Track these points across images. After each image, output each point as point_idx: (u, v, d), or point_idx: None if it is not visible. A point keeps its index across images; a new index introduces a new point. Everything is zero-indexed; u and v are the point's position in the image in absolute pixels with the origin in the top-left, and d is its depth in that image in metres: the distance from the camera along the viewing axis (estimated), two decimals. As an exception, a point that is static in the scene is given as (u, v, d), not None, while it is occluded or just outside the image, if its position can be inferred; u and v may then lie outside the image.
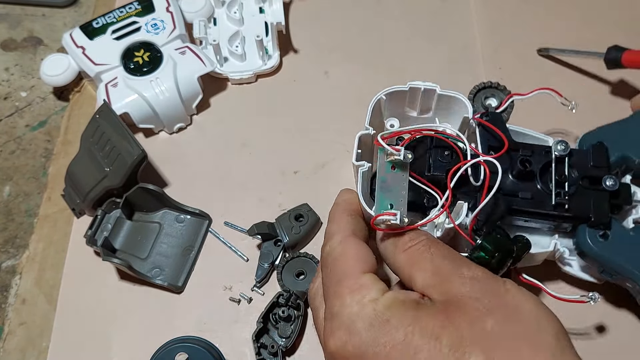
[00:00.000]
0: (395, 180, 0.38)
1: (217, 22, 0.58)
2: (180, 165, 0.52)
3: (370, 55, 0.58)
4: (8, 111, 0.56)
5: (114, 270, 0.48)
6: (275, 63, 0.56)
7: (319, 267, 0.39)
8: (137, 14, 0.55)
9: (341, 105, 0.55)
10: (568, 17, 0.59)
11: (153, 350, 0.43)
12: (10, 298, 0.47)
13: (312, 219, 0.48)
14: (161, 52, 0.53)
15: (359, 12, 0.60)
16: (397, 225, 0.36)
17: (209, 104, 0.55)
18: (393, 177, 0.38)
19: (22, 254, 0.49)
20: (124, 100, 0.51)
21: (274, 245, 0.47)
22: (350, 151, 0.52)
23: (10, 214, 0.51)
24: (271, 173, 0.51)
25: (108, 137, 0.47)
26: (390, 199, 0.37)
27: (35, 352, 0.45)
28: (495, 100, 0.45)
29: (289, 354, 0.44)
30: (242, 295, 0.46)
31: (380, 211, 0.36)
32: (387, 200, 0.37)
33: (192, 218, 0.49)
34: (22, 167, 0.53)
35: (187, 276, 0.47)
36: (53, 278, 0.48)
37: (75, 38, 0.54)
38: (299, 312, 0.44)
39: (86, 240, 0.46)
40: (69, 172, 0.50)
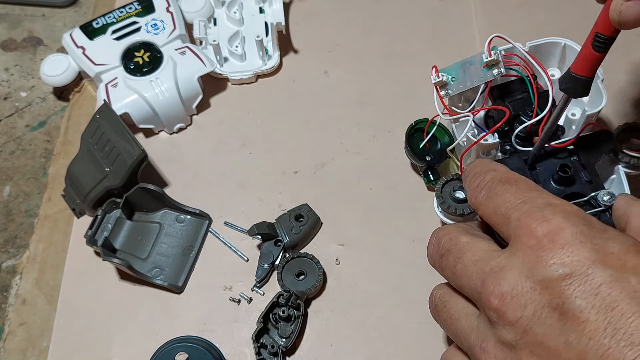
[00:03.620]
0: (475, 74, 0.43)
1: (217, 22, 0.58)
2: (180, 165, 0.52)
3: (370, 55, 0.58)
4: (8, 111, 0.56)
5: (114, 270, 0.48)
6: (275, 63, 0.56)
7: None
8: (137, 14, 0.55)
9: (341, 105, 0.55)
10: (568, 17, 0.59)
11: (153, 350, 0.43)
12: (10, 298, 0.47)
13: (312, 219, 0.48)
14: (161, 52, 0.53)
15: (359, 12, 0.60)
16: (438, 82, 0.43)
17: (209, 104, 0.55)
18: (477, 70, 0.43)
19: (23, 254, 0.49)
20: (124, 100, 0.51)
21: (274, 245, 0.47)
22: (350, 151, 0.53)
23: (10, 214, 0.51)
24: (271, 173, 0.51)
25: (108, 137, 0.47)
26: (459, 76, 0.43)
27: (35, 352, 0.45)
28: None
29: (289, 354, 0.44)
30: (242, 295, 0.46)
31: (445, 71, 0.43)
32: (455, 73, 0.43)
33: (192, 218, 0.49)
34: (22, 167, 0.53)
35: (187, 276, 0.47)
36: (53, 278, 0.48)
37: (75, 38, 0.54)
38: (299, 312, 0.44)
39: (86, 240, 0.46)
40: (69, 172, 0.50)
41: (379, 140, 0.53)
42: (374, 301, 0.46)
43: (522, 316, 0.28)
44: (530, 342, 0.27)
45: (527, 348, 0.28)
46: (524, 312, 0.28)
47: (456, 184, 0.44)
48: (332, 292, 0.46)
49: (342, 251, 0.48)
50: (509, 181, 0.33)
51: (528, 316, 0.27)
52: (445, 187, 0.44)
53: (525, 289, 0.28)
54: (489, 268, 0.30)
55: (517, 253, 0.29)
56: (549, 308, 0.27)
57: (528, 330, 0.27)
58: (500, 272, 0.29)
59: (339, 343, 0.44)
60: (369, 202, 0.50)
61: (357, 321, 0.45)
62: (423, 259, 0.47)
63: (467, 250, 0.32)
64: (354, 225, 0.49)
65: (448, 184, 0.44)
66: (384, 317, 0.45)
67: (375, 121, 0.53)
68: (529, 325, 0.27)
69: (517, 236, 0.29)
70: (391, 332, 0.45)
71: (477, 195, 0.34)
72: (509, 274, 0.29)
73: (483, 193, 0.33)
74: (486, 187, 0.34)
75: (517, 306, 0.28)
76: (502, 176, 0.34)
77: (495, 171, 0.34)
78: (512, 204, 0.31)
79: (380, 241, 0.48)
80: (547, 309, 0.27)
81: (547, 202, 0.30)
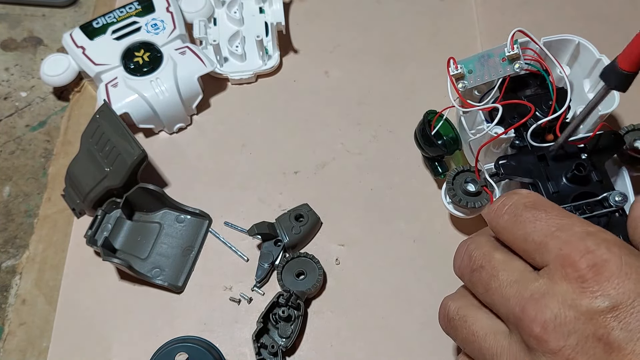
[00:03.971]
0: (494, 67, 0.43)
1: (217, 22, 0.58)
2: (180, 165, 0.52)
3: (370, 55, 0.58)
4: (8, 111, 0.56)
5: (114, 270, 0.48)
6: (275, 63, 0.56)
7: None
8: (137, 14, 0.55)
9: (341, 105, 0.55)
10: (568, 17, 0.59)
11: (153, 350, 0.43)
12: (10, 298, 0.47)
13: (312, 219, 0.48)
14: (161, 52, 0.53)
15: (359, 12, 0.60)
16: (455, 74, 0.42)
17: (209, 104, 0.55)
18: (496, 64, 0.43)
19: (22, 254, 0.49)
20: (124, 100, 0.51)
21: (274, 245, 0.47)
22: (350, 151, 0.53)
23: (10, 214, 0.51)
24: (271, 173, 0.51)
25: (108, 137, 0.47)
26: (476, 69, 0.43)
27: (35, 352, 0.45)
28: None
29: (289, 354, 0.44)
30: (242, 295, 0.46)
31: (463, 63, 0.43)
32: (473, 66, 0.43)
33: (192, 218, 0.49)
34: (22, 167, 0.53)
35: (187, 276, 0.47)
36: (53, 278, 0.48)
37: (75, 38, 0.54)
38: (299, 312, 0.43)
39: (86, 240, 0.46)
40: (69, 172, 0.50)
41: (379, 140, 0.53)
42: (374, 301, 0.46)
43: (565, 345, 0.28)
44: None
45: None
46: (567, 342, 0.28)
47: (468, 175, 0.44)
48: (332, 292, 0.46)
49: (342, 251, 0.48)
50: (536, 206, 0.32)
51: (571, 345, 0.28)
52: (457, 178, 0.44)
53: (569, 319, 0.28)
54: (529, 293, 0.30)
55: (559, 282, 0.29)
56: (593, 339, 0.27)
57: (570, 359, 0.28)
58: (541, 299, 0.29)
59: (339, 343, 0.44)
60: (369, 202, 0.50)
61: (357, 321, 0.45)
62: (423, 259, 0.47)
63: (503, 270, 0.32)
64: (354, 225, 0.49)
65: (460, 175, 0.44)
66: (384, 318, 0.45)
67: (375, 121, 0.53)
68: (571, 354, 0.28)
69: (558, 265, 0.29)
70: (391, 332, 0.45)
71: (498, 219, 0.33)
72: (551, 302, 0.29)
73: (507, 218, 0.33)
74: (510, 212, 0.33)
75: (560, 335, 0.28)
76: (528, 201, 0.33)
77: (518, 194, 0.34)
78: (546, 231, 0.31)
79: (380, 241, 0.48)
80: (591, 340, 0.27)
81: (586, 231, 0.30)
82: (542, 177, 0.41)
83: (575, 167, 0.40)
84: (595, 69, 0.45)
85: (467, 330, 0.34)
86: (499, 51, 0.43)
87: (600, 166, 0.41)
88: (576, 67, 0.47)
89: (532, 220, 0.32)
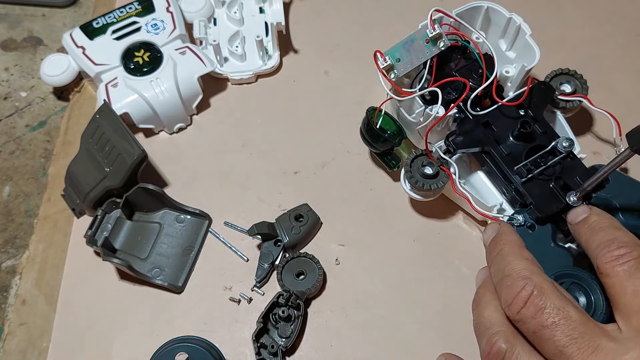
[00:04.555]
0: (419, 50, 0.44)
1: (217, 22, 0.58)
2: (180, 165, 0.52)
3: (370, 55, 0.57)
4: (8, 111, 0.56)
5: (114, 270, 0.48)
6: (275, 63, 0.56)
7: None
8: (137, 14, 0.55)
9: (341, 105, 0.55)
10: (569, 17, 0.59)
11: (153, 350, 0.43)
12: (10, 298, 0.47)
13: (312, 219, 0.48)
14: (161, 52, 0.53)
15: (359, 12, 0.60)
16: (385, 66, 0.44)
17: (209, 104, 0.55)
18: (420, 46, 0.44)
19: (22, 254, 0.49)
20: (124, 100, 0.51)
21: (274, 245, 0.47)
22: (350, 151, 0.53)
23: (10, 214, 0.51)
24: (271, 173, 0.51)
25: (108, 137, 0.47)
26: (404, 56, 0.44)
27: (35, 352, 0.45)
28: (570, 87, 0.47)
29: (289, 354, 0.44)
30: (242, 295, 0.46)
31: (389, 54, 0.44)
32: (399, 54, 0.45)
33: (192, 218, 0.49)
34: (22, 167, 0.53)
35: (187, 276, 0.47)
36: (53, 278, 0.48)
37: (75, 38, 0.54)
38: (299, 312, 0.44)
39: (86, 240, 0.46)
40: (69, 172, 0.50)
41: (379, 140, 0.53)
42: (374, 301, 0.46)
43: None
44: None
45: None
46: None
47: (424, 159, 0.45)
48: (332, 292, 0.46)
49: (342, 251, 0.48)
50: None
51: None
52: (414, 162, 0.45)
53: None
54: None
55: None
56: None
57: None
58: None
59: (339, 343, 0.44)
60: (369, 202, 0.50)
61: (357, 321, 0.45)
62: (423, 259, 0.47)
63: (581, 335, 0.32)
64: (354, 225, 0.49)
65: (417, 159, 0.45)
66: (384, 317, 0.45)
67: (375, 121, 0.53)
68: None
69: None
70: (391, 332, 0.45)
71: (616, 265, 0.33)
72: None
73: (625, 268, 0.33)
74: (631, 265, 0.33)
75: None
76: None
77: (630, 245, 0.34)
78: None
79: (380, 241, 0.48)
80: None
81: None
82: (492, 143, 0.43)
83: (520, 126, 0.42)
84: (508, 28, 0.47)
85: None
86: (421, 34, 0.44)
87: (540, 118, 0.43)
88: (490, 31, 0.49)
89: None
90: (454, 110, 0.44)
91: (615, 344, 0.31)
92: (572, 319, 0.32)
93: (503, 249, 0.37)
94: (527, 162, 0.42)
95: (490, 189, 0.46)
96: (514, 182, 0.42)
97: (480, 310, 0.37)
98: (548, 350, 0.32)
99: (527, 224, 0.41)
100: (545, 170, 0.42)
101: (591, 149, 0.51)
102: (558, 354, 0.32)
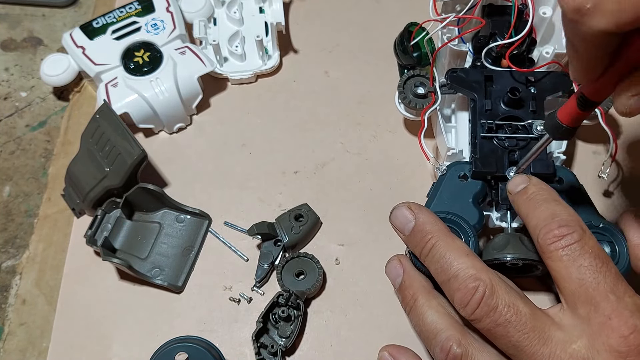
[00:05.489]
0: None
1: (217, 22, 0.58)
2: (180, 165, 0.52)
3: (370, 55, 0.58)
4: (8, 111, 0.56)
5: (114, 270, 0.48)
6: (275, 63, 0.56)
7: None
8: (137, 14, 0.55)
9: (341, 105, 0.55)
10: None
11: (153, 350, 0.43)
12: (10, 298, 0.47)
13: (312, 219, 0.48)
14: (161, 52, 0.53)
15: (359, 12, 0.60)
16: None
17: (209, 104, 0.55)
18: None
19: (22, 254, 0.49)
20: (124, 100, 0.51)
21: (274, 245, 0.47)
22: (350, 151, 0.53)
23: (10, 214, 0.51)
24: (271, 173, 0.51)
25: (108, 137, 0.47)
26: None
27: (35, 352, 0.45)
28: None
29: (289, 353, 0.44)
30: (242, 295, 0.46)
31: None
32: None
33: (192, 218, 0.49)
34: (22, 167, 0.53)
35: (187, 276, 0.47)
36: (53, 278, 0.48)
37: (75, 38, 0.54)
38: (298, 312, 0.44)
39: (86, 240, 0.46)
40: (69, 172, 0.50)
41: (379, 140, 0.53)
42: (374, 301, 0.46)
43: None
44: None
45: None
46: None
47: (418, 79, 0.47)
48: (332, 292, 0.46)
49: (342, 251, 0.48)
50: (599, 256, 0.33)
51: None
52: (408, 82, 0.47)
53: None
54: (567, 357, 0.32)
55: (601, 351, 0.31)
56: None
57: None
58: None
59: (339, 343, 0.44)
60: (369, 202, 0.50)
61: (357, 321, 0.45)
62: (423, 259, 0.47)
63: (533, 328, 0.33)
64: (353, 225, 0.49)
65: (411, 79, 0.47)
66: (383, 317, 0.45)
67: (375, 121, 0.53)
68: None
69: (600, 332, 0.31)
70: (391, 332, 0.45)
71: (559, 248, 0.34)
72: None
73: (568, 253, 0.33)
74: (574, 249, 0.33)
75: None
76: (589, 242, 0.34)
77: (584, 231, 0.34)
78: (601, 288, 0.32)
79: (380, 241, 0.48)
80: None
81: (636, 305, 0.32)
82: (481, 94, 0.44)
83: (509, 90, 0.43)
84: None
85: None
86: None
87: (539, 99, 0.44)
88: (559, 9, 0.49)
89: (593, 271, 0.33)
90: (463, 47, 0.46)
91: (564, 333, 0.33)
92: (522, 314, 0.33)
93: (436, 244, 0.37)
94: (495, 122, 0.43)
95: (466, 137, 0.46)
96: (477, 134, 0.43)
97: (419, 316, 0.38)
98: (503, 344, 0.34)
99: (460, 174, 0.43)
100: (508, 139, 0.43)
101: (591, 148, 0.51)
102: (512, 347, 0.33)
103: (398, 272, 0.41)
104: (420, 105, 0.46)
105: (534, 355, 0.32)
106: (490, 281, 0.34)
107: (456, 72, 0.45)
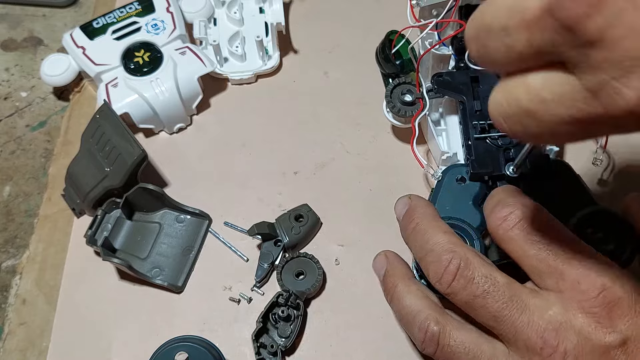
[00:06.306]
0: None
1: (217, 22, 0.58)
2: (180, 165, 0.52)
3: (370, 55, 0.57)
4: (8, 111, 0.56)
5: (114, 270, 0.48)
6: (275, 63, 0.56)
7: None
8: (137, 14, 0.55)
9: (341, 105, 0.55)
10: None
11: (153, 349, 0.43)
12: (10, 298, 0.47)
13: (312, 219, 0.48)
14: (161, 53, 0.53)
15: (359, 12, 0.60)
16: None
17: (209, 104, 0.55)
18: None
19: (22, 254, 0.49)
20: (124, 100, 0.51)
21: (274, 245, 0.47)
22: (350, 152, 0.53)
23: (10, 214, 0.51)
24: (271, 173, 0.51)
25: (108, 137, 0.47)
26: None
27: (35, 352, 0.45)
28: None
29: (289, 353, 0.44)
30: (242, 295, 0.46)
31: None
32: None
33: (192, 218, 0.49)
34: (22, 167, 0.53)
35: (187, 276, 0.47)
36: (53, 278, 0.48)
37: (76, 38, 0.54)
38: (298, 311, 0.44)
39: (86, 240, 0.46)
40: (69, 172, 0.50)
41: (379, 140, 0.53)
42: (374, 301, 0.46)
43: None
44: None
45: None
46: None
47: (405, 87, 0.47)
48: (331, 292, 0.46)
49: (342, 251, 0.48)
50: (549, 227, 0.34)
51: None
52: (395, 90, 0.47)
53: (587, 350, 0.31)
54: (545, 323, 0.32)
55: (575, 314, 0.31)
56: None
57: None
58: (561, 329, 0.31)
59: (339, 343, 0.44)
60: (369, 203, 0.50)
61: (357, 321, 0.45)
62: (423, 259, 0.47)
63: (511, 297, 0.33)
64: (353, 225, 0.49)
65: (398, 87, 0.47)
66: (383, 317, 0.45)
67: (375, 121, 0.53)
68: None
69: (574, 299, 0.32)
70: (391, 332, 0.45)
71: (507, 230, 0.34)
72: (570, 334, 0.31)
73: (517, 232, 0.34)
74: (521, 227, 0.34)
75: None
76: (536, 216, 0.34)
77: (527, 207, 0.34)
78: (561, 257, 0.33)
79: (379, 241, 0.48)
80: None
81: (600, 264, 0.32)
82: (469, 96, 0.44)
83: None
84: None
85: (460, 348, 0.34)
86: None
87: None
88: None
89: (547, 243, 0.33)
90: (445, 51, 0.46)
91: (540, 300, 0.33)
92: (499, 284, 0.33)
93: (419, 224, 0.38)
94: (487, 123, 0.43)
95: (458, 140, 0.47)
96: (470, 136, 0.43)
97: (398, 301, 0.38)
98: (482, 316, 0.34)
99: (457, 177, 0.43)
100: (501, 138, 0.43)
101: (591, 148, 0.51)
102: (492, 318, 0.33)
103: (383, 265, 0.41)
104: (409, 113, 0.46)
105: (513, 324, 0.32)
106: (465, 254, 0.35)
107: (442, 76, 0.46)
